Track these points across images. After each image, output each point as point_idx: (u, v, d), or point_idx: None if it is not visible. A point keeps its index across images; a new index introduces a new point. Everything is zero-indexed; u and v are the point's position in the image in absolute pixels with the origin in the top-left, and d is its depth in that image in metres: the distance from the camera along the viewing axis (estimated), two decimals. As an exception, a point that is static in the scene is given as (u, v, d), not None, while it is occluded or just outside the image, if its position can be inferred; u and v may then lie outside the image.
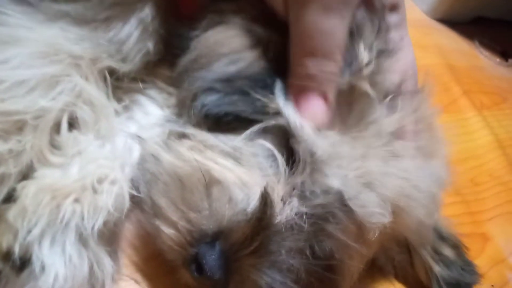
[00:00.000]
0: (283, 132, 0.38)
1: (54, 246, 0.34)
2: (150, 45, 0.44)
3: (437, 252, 0.49)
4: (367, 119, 0.38)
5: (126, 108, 0.46)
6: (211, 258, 0.34)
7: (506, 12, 1.37)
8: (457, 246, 0.51)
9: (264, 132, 0.39)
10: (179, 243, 0.36)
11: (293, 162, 0.38)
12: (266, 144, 0.38)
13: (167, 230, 0.36)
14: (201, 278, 0.34)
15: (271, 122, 0.38)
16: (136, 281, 0.41)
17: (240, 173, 0.37)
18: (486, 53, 1.21)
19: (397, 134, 0.39)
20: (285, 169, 0.37)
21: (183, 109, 0.42)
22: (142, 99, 0.47)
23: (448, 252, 0.50)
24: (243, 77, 0.39)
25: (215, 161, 0.37)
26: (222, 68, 0.40)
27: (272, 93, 0.38)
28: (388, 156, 0.38)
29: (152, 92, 0.47)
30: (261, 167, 0.38)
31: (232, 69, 0.40)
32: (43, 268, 0.33)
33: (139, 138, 0.42)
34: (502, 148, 0.85)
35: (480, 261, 0.59)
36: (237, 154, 0.38)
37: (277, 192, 0.37)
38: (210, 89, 0.39)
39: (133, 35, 0.42)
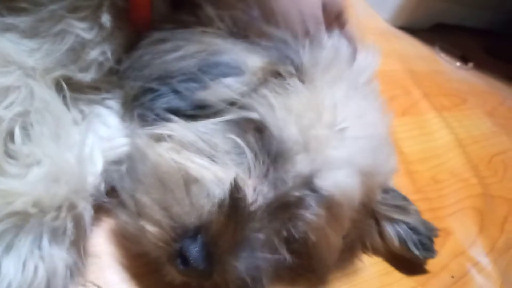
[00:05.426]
0: (252, 125, 0.42)
1: (9, 253, 0.34)
2: (109, 52, 0.46)
3: (401, 219, 0.55)
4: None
5: (86, 119, 0.47)
6: (195, 250, 0.36)
7: (465, 18, 1.44)
8: (415, 213, 0.56)
9: (233, 124, 0.42)
10: (164, 240, 0.38)
11: (264, 152, 0.42)
12: (238, 140, 0.42)
13: (152, 229, 0.38)
14: (186, 270, 0.37)
15: (240, 114, 0.42)
16: (99, 287, 0.41)
17: (215, 170, 0.40)
18: (446, 57, 1.27)
19: None
20: (254, 162, 0.41)
21: (126, 108, 0.43)
22: (101, 109, 0.48)
23: (409, 219, 0.55)
24: (178, 74, 0.41)
25: (192, 160, 0.40)
26: (160, 65, 0.42)
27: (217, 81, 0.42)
28: (351, 136, 0.42)
29: (112, 102, 0.48)
30: (234, 162, 0.41)
31: (170, 66, 0.42)
32: (-3, 276, 0.33)
33: (120, 143, 0.45)
34: (462, 146, 0.90)
35: (442, 254, 0.63)
36: (212, 152, 0.41)
37: (248, 183, 0.40)
38: (149, 89, 0.41)
39: (89, 45, 0.44)
